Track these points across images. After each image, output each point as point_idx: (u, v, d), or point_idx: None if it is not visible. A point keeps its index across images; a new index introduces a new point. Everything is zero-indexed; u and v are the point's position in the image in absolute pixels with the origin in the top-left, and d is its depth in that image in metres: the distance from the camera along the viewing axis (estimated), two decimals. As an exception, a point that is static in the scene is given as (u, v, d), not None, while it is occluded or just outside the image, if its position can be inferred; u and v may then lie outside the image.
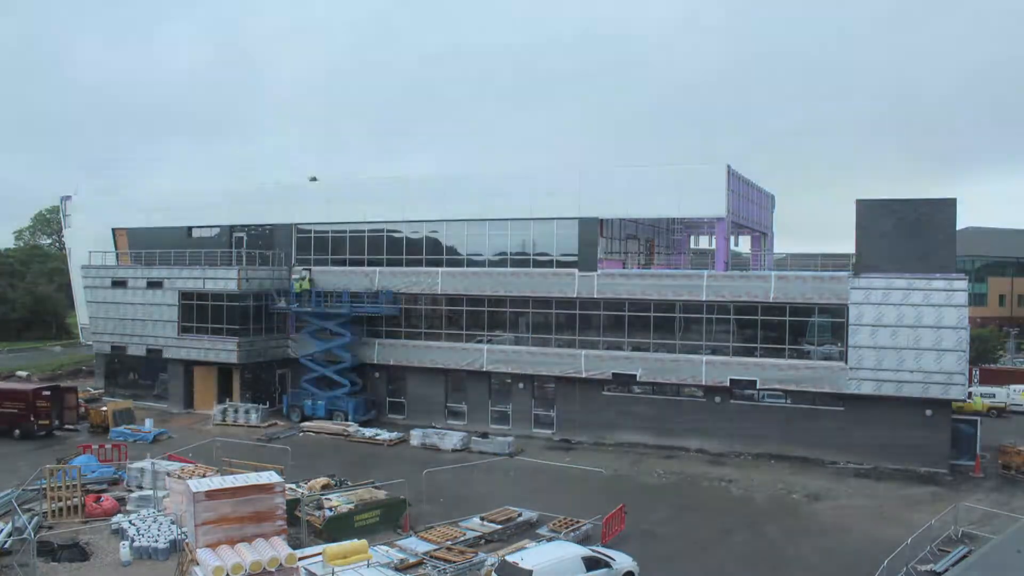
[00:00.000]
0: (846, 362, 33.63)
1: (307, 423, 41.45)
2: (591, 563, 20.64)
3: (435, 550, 22.63)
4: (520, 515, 25.98)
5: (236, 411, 42.47)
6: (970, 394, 38.04)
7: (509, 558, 20.46)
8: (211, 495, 19.00)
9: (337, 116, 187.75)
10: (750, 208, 42.21)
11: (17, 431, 37.78)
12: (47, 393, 39.00)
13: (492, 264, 40.92)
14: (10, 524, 23.69)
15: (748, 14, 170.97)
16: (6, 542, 22.69)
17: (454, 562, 21.62)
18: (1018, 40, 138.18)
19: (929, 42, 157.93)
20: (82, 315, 54.38)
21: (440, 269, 41.84)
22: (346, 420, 41.12)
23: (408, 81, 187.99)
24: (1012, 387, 47.26)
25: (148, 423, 39.38)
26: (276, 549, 18.64)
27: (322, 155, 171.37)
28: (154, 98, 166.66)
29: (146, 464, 29.58)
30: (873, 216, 33.60)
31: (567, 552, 20.93)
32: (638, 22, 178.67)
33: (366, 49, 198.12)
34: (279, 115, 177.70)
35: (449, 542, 23.31)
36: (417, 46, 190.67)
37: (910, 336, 32.63)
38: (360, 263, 44.09)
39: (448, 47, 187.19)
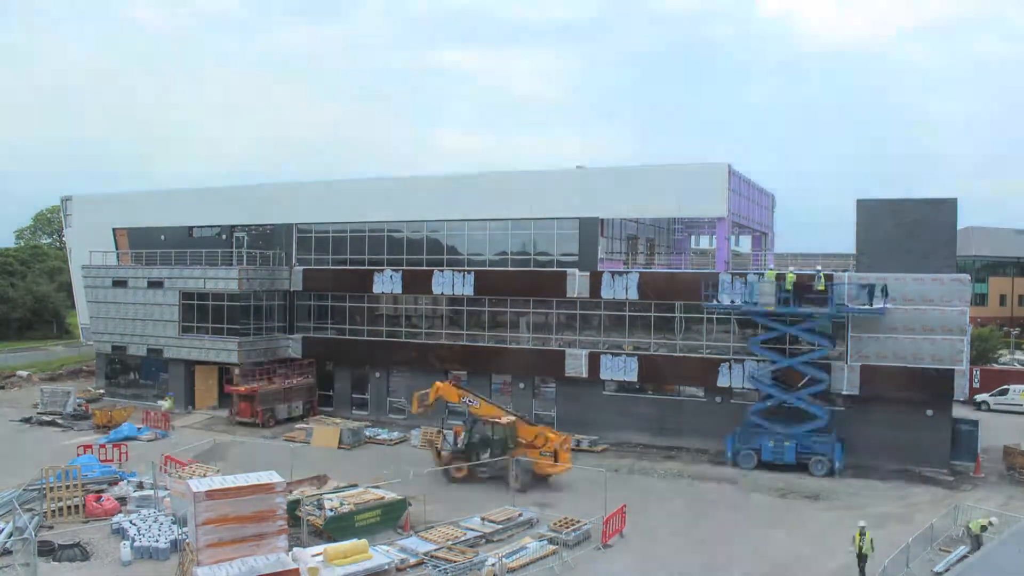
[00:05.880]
0: (846, 362, 33.61)
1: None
2: None
3: (436, 550, 22.66)
4: (520, 515, 25.99)
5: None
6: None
7: None
8: (212, 495, 19.02)
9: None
10: (750, 208, 42.21)
11: None
12: None
13: (492, 264, 40.95)
14: (11, 524, 23.69)
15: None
16: (7, 542, 22.70)
17: (455, 562, 21.64)
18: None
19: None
20: (82, 315, 54.41)
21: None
22: (830, 470, 31.77)
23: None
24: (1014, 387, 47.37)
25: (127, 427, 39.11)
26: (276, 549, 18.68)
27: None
28: None
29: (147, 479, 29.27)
30: (873, 216, 33.61)
31: None
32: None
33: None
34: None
35: (450, 542, 23.33)
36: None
37: (910, 336, 32.62)
38: (360, 263, 44.11)
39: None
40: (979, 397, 46.52)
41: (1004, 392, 47.04)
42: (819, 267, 34.16)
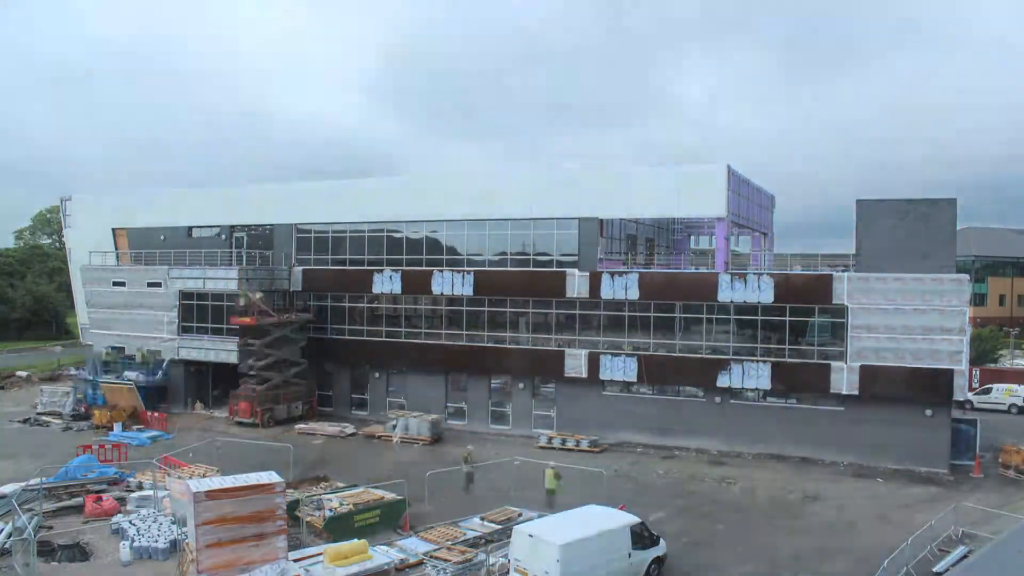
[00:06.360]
0: (846, 362, 33.63)
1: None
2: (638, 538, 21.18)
3: (435, 550, 22.66)
4: (520, 515, 25.98)
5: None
6: None
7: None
8: (211, 495, 19.05)
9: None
10: (750, 208, 42.21)
11: None
12: None
13: (492, 264, 40.95)
14: (10, 524, 23.68)
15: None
16: (6, 542, 22.69)
17: (454, 562, 21.64)
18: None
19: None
20: (82, 315, 54.38)
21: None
22: None
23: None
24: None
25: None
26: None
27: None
28: None
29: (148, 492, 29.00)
30: (873, 216, 33.61)
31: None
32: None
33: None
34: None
35: (449, 542, 23.33)
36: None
37: (910, 336, 32.64)
38: (360, 263, 44.08)
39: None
40: (962, 396, 46.52)
41: (987, 391, 47.09)
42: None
